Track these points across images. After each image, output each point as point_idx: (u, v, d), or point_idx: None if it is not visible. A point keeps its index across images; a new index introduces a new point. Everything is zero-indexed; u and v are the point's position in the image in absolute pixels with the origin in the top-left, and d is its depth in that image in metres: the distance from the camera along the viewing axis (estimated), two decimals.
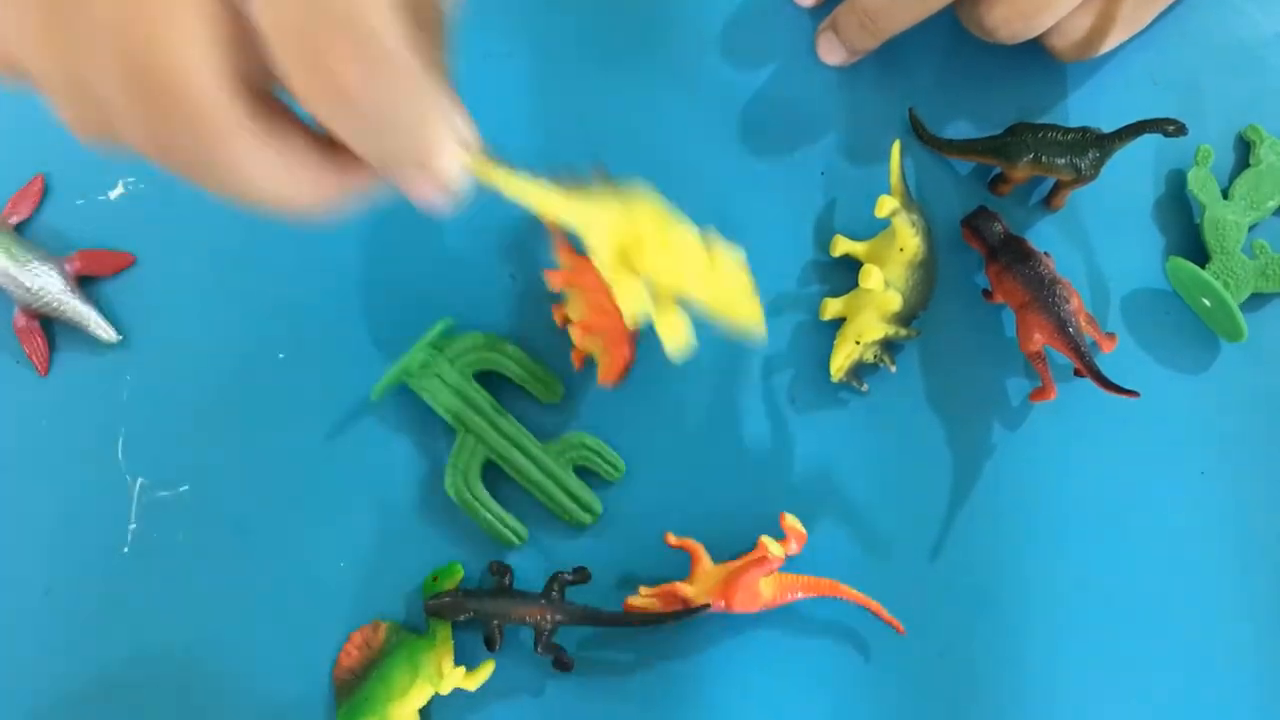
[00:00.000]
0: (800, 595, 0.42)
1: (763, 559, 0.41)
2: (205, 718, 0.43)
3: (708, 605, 0.41)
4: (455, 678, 0.42)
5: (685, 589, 0.42)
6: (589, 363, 0.45)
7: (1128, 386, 0.42)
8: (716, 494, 0.44)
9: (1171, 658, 0.45)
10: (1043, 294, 0.43)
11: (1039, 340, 0.43)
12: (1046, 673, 0.44)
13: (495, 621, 0.42)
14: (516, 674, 0.43)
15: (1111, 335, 0.45)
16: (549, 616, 0.42)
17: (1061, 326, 0.43)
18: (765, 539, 0.41)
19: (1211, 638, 0.45)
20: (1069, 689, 0.44)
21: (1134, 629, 0.45)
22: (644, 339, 0.45)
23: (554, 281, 0.44)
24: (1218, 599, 0.45)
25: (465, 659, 0.43)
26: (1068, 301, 0.43)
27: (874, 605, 0.43)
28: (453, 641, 0.43)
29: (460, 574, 0.44)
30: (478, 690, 0.43)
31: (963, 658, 0.44)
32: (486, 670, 0.43)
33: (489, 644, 0.42)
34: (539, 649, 0.42)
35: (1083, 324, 0.43)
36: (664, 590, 0.42)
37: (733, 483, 0.43)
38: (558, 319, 0.45)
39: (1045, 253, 0.44)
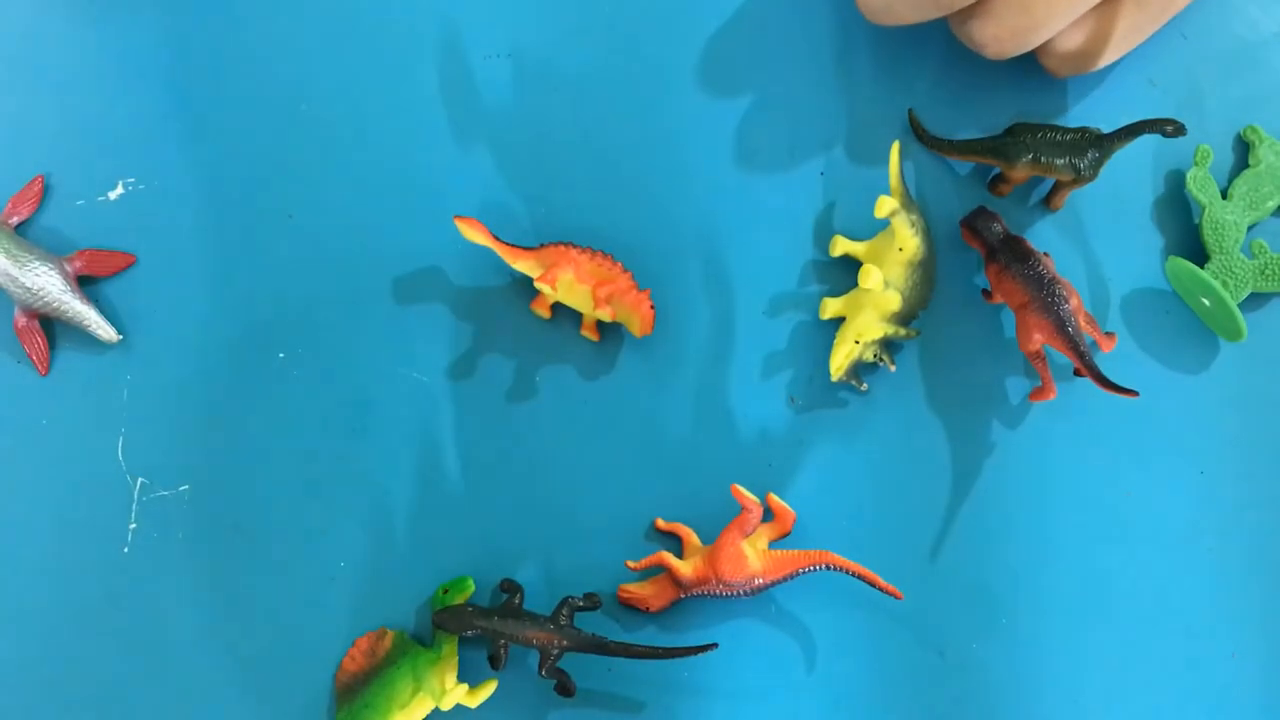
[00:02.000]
0: (794, 570, 0.42)
1: (740, 517, 0.42)
2: (204, 717, 0.43)
3: (714, 645, 0.42)
4: (457, 694, 0.41)
5: (672, 558, 0.43)
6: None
7: (1127, 386, 0.42)
8: (716, 494, 0.44)
9: (1170, 656, 0.45)
10: (1042, 294, 0.43)
11: (1039, 340, 0.43)
12: (1046, 671, 0.44)
13: (501, 641, 0.41)
14: (518, 695, 0.43)
15: (1111, 335, 0.45)
16: (556, 641, 0.41)
17: (1061, 326, 0.43)
18: (737, 486, 0.42)
19: (1210, 636, 0.45)
20: (1068, 686, 0.44)
21: (1133, 627, 0.45)
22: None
23: (543, 283, 0.43)
24: (1216, 598, 0.45)
25: (468, 675, 0.43)
26: (1067, 301, 0.43)
27: (869, 574, 0.43)
28: (457, 656, 0.43)
29: (471, 588, 0.43)
30: (478, 708, 0.42)
31: (962, 657, 0.44)
32: (489, 689, 0.42)
33: (493, 663, 0.41)
34: (543, 672, 0.41)
35: (1082, 323, 0.43)
36: (653, 559, 0.43)
37: (732, 482, 0.43)
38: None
39: (1045, 253, 0.44)
